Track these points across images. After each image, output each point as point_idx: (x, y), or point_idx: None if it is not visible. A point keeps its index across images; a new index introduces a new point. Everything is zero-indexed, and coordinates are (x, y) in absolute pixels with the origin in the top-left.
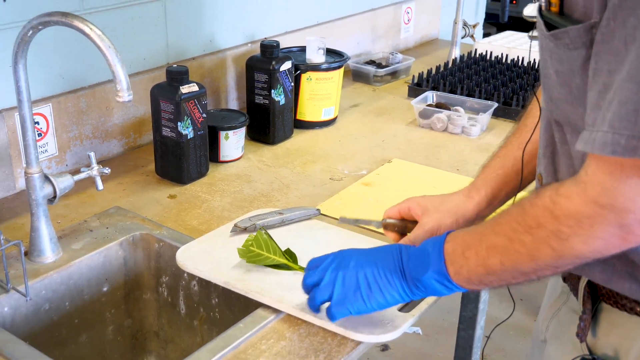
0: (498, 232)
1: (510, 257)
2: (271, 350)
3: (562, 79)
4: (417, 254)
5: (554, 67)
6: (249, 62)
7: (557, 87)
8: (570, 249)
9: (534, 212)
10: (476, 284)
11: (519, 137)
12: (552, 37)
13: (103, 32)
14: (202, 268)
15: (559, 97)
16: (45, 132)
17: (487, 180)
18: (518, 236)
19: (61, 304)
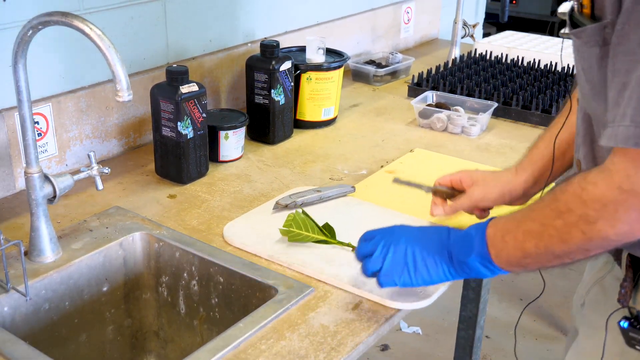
0: (533, 218)
1: (544, 240)
2: (271, 350)
3: (586, 75)
4: (462, 237)
5: (580, 64)
6: (249, 62)
7: (584, 83)
8: (597, 232)
9: (564, 198)
10: (515, 265)
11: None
12: (574, 35)
13: (103, 32)
14: (247, 242)
15: (586, 92)
16: (45, 132)
17: (534, 160)
18: (550, 221)
19: (61, 303)
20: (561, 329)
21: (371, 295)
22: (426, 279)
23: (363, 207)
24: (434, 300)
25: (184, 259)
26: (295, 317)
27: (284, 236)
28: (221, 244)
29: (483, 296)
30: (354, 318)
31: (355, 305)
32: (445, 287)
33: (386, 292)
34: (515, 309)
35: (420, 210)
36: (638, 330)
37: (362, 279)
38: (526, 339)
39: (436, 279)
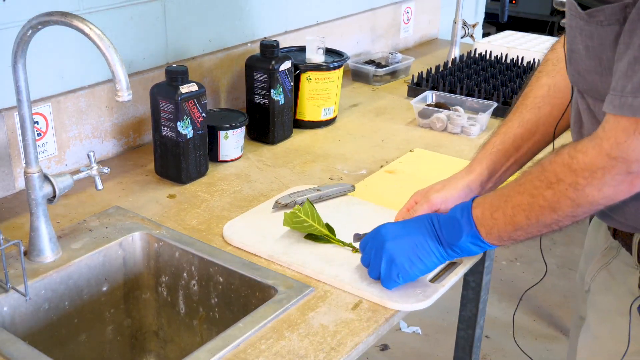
0: (521, 192)
1: (535, 212)
2: (270, 350)
3: (591, 52)
4: (448, 221)
5: (583, 42)
6: (249, 62)
7: (585, 60)
8: (585, 197)
9: (553, 168)
10: (506, 240)
11: (520, 115)
12: (587, 15)
13: (102, 32)
14: (247, 242)
15: (587, 69)
16: (44, 132)
17: (488, 154)
18: (540, 192)
19: (60, 303)
20: (561, 328)
21: (371, 296)
22: (422, 269)
23: (363, 207)
24: (433, 301)
25: (184, 259)
26: (294, 317)
27: (286, 225)
28: (221, 243)
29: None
30: (353, 318)
31: (355, 305)
32: (444, 289)
33: (386, 293)
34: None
35: None
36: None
37: (361, 279)
38: (526, 338)
39: (432, 266)
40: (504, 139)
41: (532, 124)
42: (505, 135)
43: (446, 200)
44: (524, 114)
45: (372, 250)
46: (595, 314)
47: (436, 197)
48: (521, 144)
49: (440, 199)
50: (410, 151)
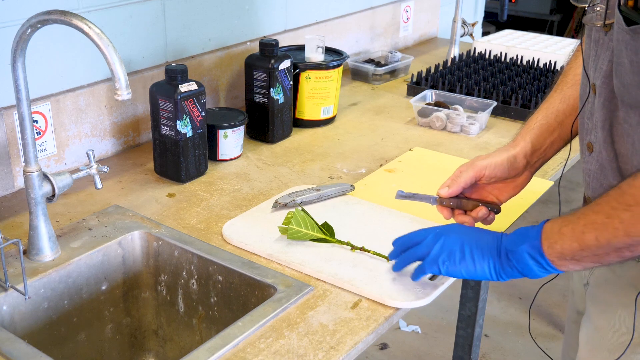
0: (597, 211)
1: (607, 233)
2: (270, 349)
3: (636, 67)
4: (516, 233)
5: (628, 57)
6: (248, 61)
7: (630, 74)
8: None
9: (632, 192)
10: (569, 259)
11: (561, 92)
12: (631, 31)
13: (102, 31)
14: (246, 242)
15: (632, 83)
16: (44, 131)
17: (530, 129)
18: (617, 213)
19: (60, 302)
20: (560, 327)
21: (370, 294)
22: (470, 270)
23: (362, 206)
24: (432, 299)
25: (183, 258)
26: (294, 316)
27: (283, 234)
28: (220, 242)
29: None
30: (352, 317)
31: (354, 304)
32: (444, 287)
33: (385, 291)
34: (514, 307)
35: (419, 210)
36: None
37: (360, 278)
38: (525, 337)
39: (480, 273)
40: (547, 114)
41: (574, 100)
42: (548, 111)
43: (491, 165)
44: (565, 91)
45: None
46: (596, 306)
47: (481, 163)
48: (564, 119)
49: (485, 163)
50: (409, 150)
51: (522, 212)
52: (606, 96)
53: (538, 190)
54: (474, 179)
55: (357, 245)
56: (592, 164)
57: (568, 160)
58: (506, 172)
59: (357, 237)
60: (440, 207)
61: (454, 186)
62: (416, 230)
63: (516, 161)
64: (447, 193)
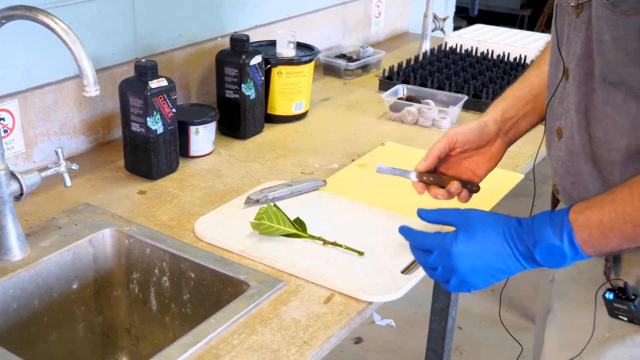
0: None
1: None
2: (243, 345)
3: (618, 43)
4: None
5: (610, 33)
6: (219, 57)
7: (612, 51)
8: None
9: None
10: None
11: (537, 67)
12: (611, 5)
13: (68, 27)
14: (219, 238)
15: (615, 60)
16: (11, 129)
17: (503, 99)
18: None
19: (30, 302)
20: (532, 319)
21: (343, 288)
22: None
23: (334, 201)
24: (405, 292)
25: (155, 256)
26: (267, 311)
27: (255, 230)
28: (192, 239)
29: None
30: (325, 312)
31: (327, 298)
32: (416, 280)
33: (358, 286)
34: (488, 300)
35: (392, 204)
36: (623, 300)
37: (333, 272)
38: (498, 329)
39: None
40: (521, 87)
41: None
42: (522, 84)
43: (462, 131)
44: (542, 67)
45: (440, 265)
46: (561, 303)
47: (452, 130)
48: (538, 92)
49: (456, 130)
50: (381, 145)
51: (494, 205)
52: (580, 79)
53: (509, 183)
54: (447, 146)
55: (330, 240)
56: (561, 149)
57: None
58: (478, 137)
59: (330, 232)
60: (415, 183)
61: (430, 156)
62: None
63: (487, 126)
64: (424, 166)
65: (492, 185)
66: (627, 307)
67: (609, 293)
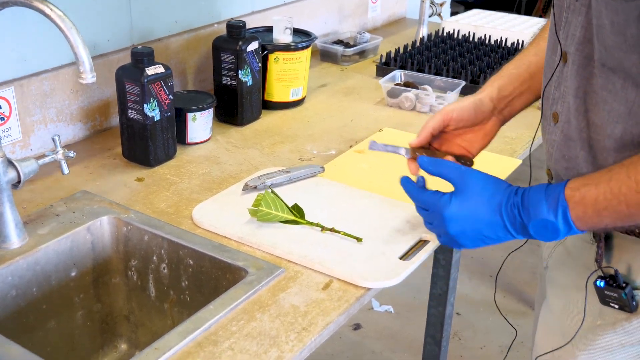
0: None
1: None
2: (242, 332)
3: (617, 28)
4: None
5: (609, 18)
6: (216, 43)
7: (611, 36)
8: None
9: None
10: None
11: (536, 45)
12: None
13: (64, 13)
14: (217, 225)
15: (613, 45)
16: (8, 116)
17: (500, 77)
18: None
19: (28, 290)
20: (530, 304)
21: (341, 275)
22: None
23: (332, 187)
24: (403, 278)
25: (153, 243)
26: (265, 298)
27: (253, 216)
28: (190, 226)
29: (453, 274)
30: (324, 298)
31: (326, 285)
32: (414, 266)
33: (356, 272)
34: (485, 286)
35: (390, 190)
36: (614, 288)
37: (331, 259)
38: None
39: None
40: (518, 64)
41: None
42: (520, 61)
43: (457, 108)
44: (541, 44)
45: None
46: (553, 289)
47: (447, 107)
48: (535, 71)
49: (451, 107)
50: (379, 130)
51: None
52: (580, 63)
53: (507, 169)
54: (442, 123)
55: (328, 227)
56: (557, 134)
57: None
58: (473, 115)
59: (328, 219)
60: (409, 161)
61: (423, 133)
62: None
63: (482, 104)
64: (417, 141)
65: (490, 171)
66: (617, 294)
67: (600, 281)
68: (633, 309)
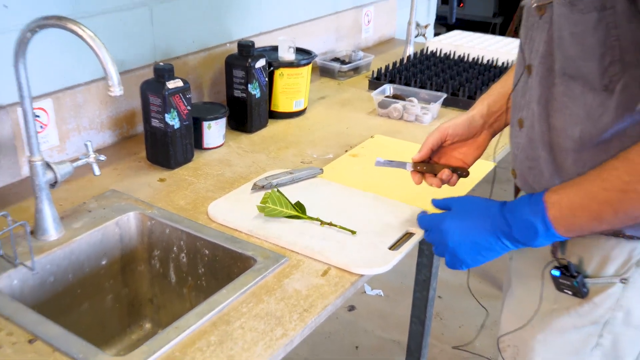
0: (608, 188)
1: (624, 206)
2: (251, 312)
3: (576, 39)
4: (521, 224)
5: (569, 29)
6: (228, 60)
7: (571, 46)
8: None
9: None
10: (586, 232)
11: None
12: (569, 4)
13: (95, 34)
14: (229, 219)
15: (573, 54)
16: (46, 125)
17: (489, 95)
18: (632, 186)
19: (64, 276)
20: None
21: (338, 263)
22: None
23: (330, 187)
24: (392, 266)
25: (174, 235)
26: (271, 283)
27: (261, 212)
28: (206, 221)
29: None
30: (323, 283)
31: (324, 272)
32: (401, 255)
33: (351, 260)
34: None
35: (381, 189)
36: (568, 277)
37: (329, 249)
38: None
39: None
40: (504, 84)
41: None
42: (505, 82)
43: (452, 125)
44: None
45: (436, 242)
46: (516, 278)
47: (444, 125)
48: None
49: (447, 125)
50: (371, 137)
51: (469, 190)
52: (542, 74)
53: (482, 171)
54: (440, 139)
55: (326, 221)
56: (522, 138)
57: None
58: (466, 130)
59: (326, 214)
60: (413, 173)
61: (423, 149)
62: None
63: (474, 120)
64: (419, 156)
65: None
66: (570, 282)
67: (555, 270)
68: (584, 295)
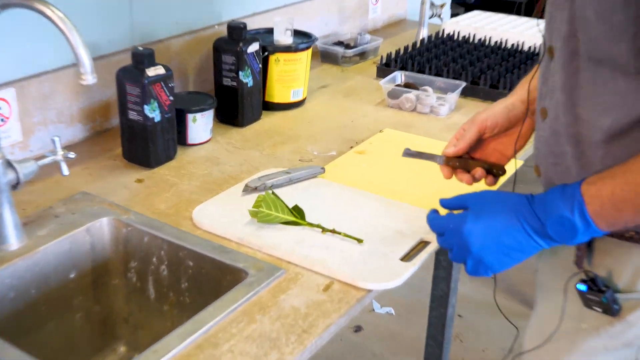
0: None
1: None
2: (242, 334)
3: (601, 17)
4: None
5: (593, 8)
6: (216, 44)
7: (596, 26)
8: None
9: None
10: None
11: None
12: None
13: (65, 15)
14: (217, 226)
15: (599, 35)
16: (8, 118)
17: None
18: None
19: (27, 291)
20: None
21: (342, 276)
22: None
23: (333, 188)
24: (404, 279)
25: (153, 244)
26: (265, 299)
27: (253, 217)
28: (190, 227)
29: (454, 275)
30: (325, 299)
31: (326, 286)
32: (415, 267)
33: (357, 273)
34: (487, 287)
35: (392, 191)
36: (596, 292)
37: (332, 259)
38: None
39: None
40: None
41: None
42: None
43: (490, 116)
44: None
45: (454, 247)
46: (541, 293)
47: (481, 116)
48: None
49: (485, 116)
50: (379, 132)
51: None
52: (566, 58)
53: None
54: (478, 134)
55: (328, 228)
56: (545, 130)
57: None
58: (506, 120)
59: (328, 220)
60: (443, 167)
61: (461, 144)
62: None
63: (514, 108)
64: (454, 152)
65: None
66: (598, 298)
67: (581, 284)
68: (615, 313)
